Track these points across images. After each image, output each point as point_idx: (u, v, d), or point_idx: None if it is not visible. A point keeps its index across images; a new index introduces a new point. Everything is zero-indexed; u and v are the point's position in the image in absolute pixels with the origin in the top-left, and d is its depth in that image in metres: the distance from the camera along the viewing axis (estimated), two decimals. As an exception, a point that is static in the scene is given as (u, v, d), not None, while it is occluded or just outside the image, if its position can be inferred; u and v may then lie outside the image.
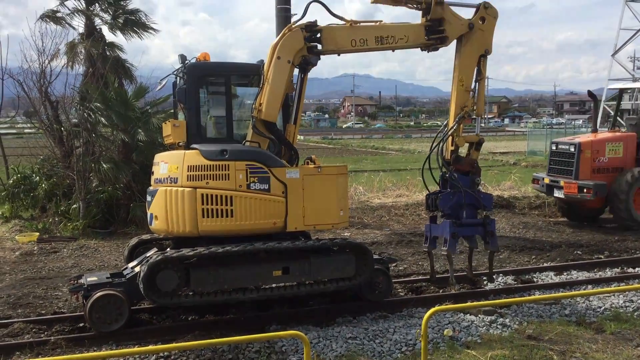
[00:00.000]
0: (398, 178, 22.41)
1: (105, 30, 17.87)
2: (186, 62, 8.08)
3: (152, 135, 15.33)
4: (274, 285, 7.81)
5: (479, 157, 9.17)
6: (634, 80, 46.56)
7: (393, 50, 8.68)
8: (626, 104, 63.41)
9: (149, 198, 8.08)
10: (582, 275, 10.48)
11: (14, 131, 28.50)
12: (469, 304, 8.38)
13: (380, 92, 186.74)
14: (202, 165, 7.52)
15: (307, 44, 8.06)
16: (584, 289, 9.57)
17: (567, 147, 14.73)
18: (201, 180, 7.48)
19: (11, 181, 16.12)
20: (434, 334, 7.49)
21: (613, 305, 8.65)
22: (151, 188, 8.12)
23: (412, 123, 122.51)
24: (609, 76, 44.72)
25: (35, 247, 13.29)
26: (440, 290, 9.44)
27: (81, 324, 8.03)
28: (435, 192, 8.96)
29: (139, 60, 61.26)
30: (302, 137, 63.60)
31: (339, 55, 8.49)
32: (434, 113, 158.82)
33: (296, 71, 8.31)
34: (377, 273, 8.47)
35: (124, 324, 7.55)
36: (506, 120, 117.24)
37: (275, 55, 7.91)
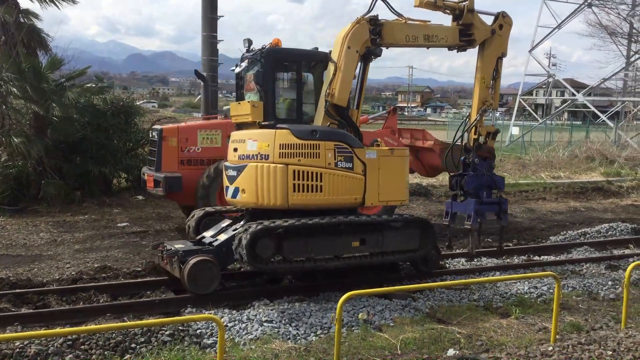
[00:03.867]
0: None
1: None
2: (253, 46, 8.80)
3: (67, 110, 14.72)
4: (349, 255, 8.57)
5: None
6: (548, 77, 48.73)
7: (428, 48, 9.47)
8: (541, 98, 66.38)
9: (232, 172, 8.66)
10: (491, 262, 10.91)
11: None
12: (383, 288, 8.54)
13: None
14: (293, 144, 8.21)
15: (371, 36, 8.72)
16: (493, 275, 9.99)
17: (154, 134, 12.61)
18: (293, 157, 8.19)
19: None
20: (349, 318, 7.62)
21: (519, 291, 9.07)
22: (229, 164, 8.83)
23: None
24: (526, 71, 46.62)
25: (-64, 224, 12.54)
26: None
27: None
28: (458, 174, 9.73)
29: (56, 30, 58.31)
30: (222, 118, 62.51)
31: (387, 48, 9.11)
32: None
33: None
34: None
35: (217, 286, 8.17)
36: (428, 110, 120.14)
37: (345, 45, 8.57)
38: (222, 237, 8.67)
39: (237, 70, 9.08)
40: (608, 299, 8.93)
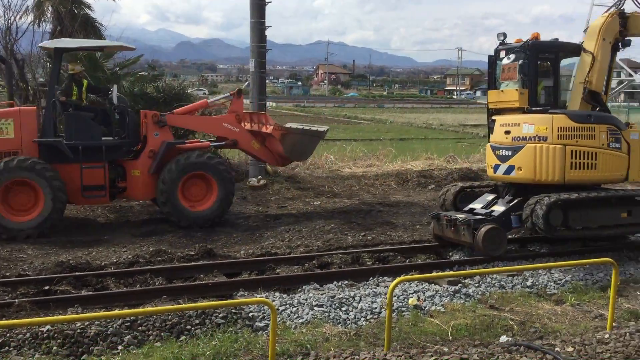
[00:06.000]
0: (369, 148, 22.49)
1: (73, -13, 17.37)
2: (506, 39, 10.00)
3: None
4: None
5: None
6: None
7: None
8: None
9: (505, 152, 9.83)
10: (545, 247, 10.69)
11: (-23, 89, 27.77)
12: (434, 274, 8.53)
13: (354, 60, 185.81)
14: (571, 127, 9.39)
15: (620, 28, 9.80)
16: (546, 262, 9.79)
17: None
18: (570, 139, 9.38)
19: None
20: (399, 303, 7.62)
21: (574, 278, 8.89)
22: (498, 145, 9.93)
23: (384, 93, 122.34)
24: (580, 52, 45.07)
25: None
26: (407, 260, 9.59)
27: (46, 287, 7.98)
28: None
29: (108, 19, 59.79)
30: (274, 104, 63.09)
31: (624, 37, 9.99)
32: (407, 83, 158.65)
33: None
34: None
35: (504, 250, 9.44)
36: (478, 93, 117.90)
37: (601, 37, 9.70)
38: (498, 208, 9.88)
39: (506, 62, 9.95)
40: (668, 286, 8.66)
